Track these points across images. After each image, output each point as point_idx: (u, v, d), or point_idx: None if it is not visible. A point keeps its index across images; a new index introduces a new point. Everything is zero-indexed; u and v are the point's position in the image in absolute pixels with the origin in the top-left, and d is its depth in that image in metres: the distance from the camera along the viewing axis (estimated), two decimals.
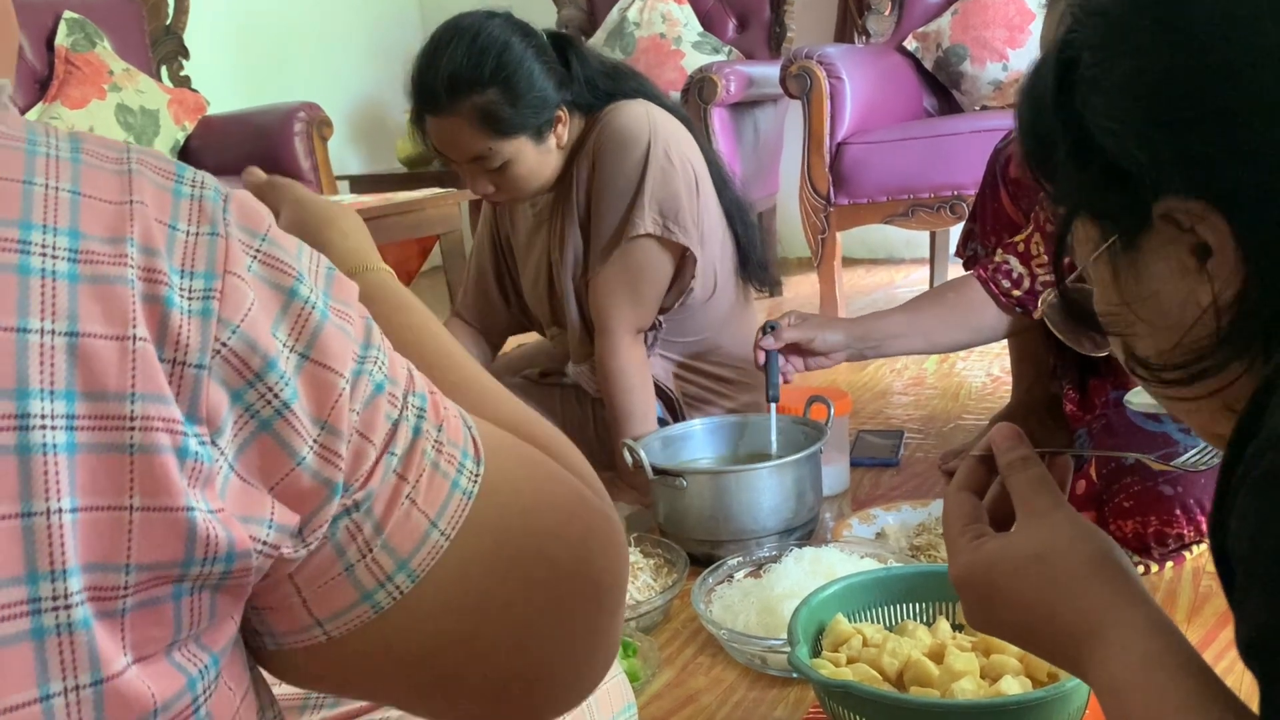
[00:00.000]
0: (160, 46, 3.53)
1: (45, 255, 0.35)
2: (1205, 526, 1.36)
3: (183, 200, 0.40)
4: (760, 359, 1.63)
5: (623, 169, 1.74)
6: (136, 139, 3.20)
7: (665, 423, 1.87)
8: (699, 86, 3.08)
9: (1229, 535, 0.50)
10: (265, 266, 0.41)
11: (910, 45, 3.28)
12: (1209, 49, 0.53)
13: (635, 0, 3.71)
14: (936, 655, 1.08)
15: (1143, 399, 0.94)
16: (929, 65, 3.25)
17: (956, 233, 2.70)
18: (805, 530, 1.62)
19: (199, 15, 3.64)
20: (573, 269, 1.85)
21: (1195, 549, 1.43)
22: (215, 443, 0.38)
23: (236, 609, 0.41)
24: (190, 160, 3.19)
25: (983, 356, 2.59)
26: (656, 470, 1.59)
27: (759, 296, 2.07)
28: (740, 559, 1.46)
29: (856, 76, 2.97)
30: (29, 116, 1.49)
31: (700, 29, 3.68)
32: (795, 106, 3.06)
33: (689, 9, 3.69)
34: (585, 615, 0.52)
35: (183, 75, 3.54)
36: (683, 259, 1.81)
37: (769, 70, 3.20)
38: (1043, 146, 0.61)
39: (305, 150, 3.37)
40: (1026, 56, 3.07)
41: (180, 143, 3.38)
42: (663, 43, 3.64)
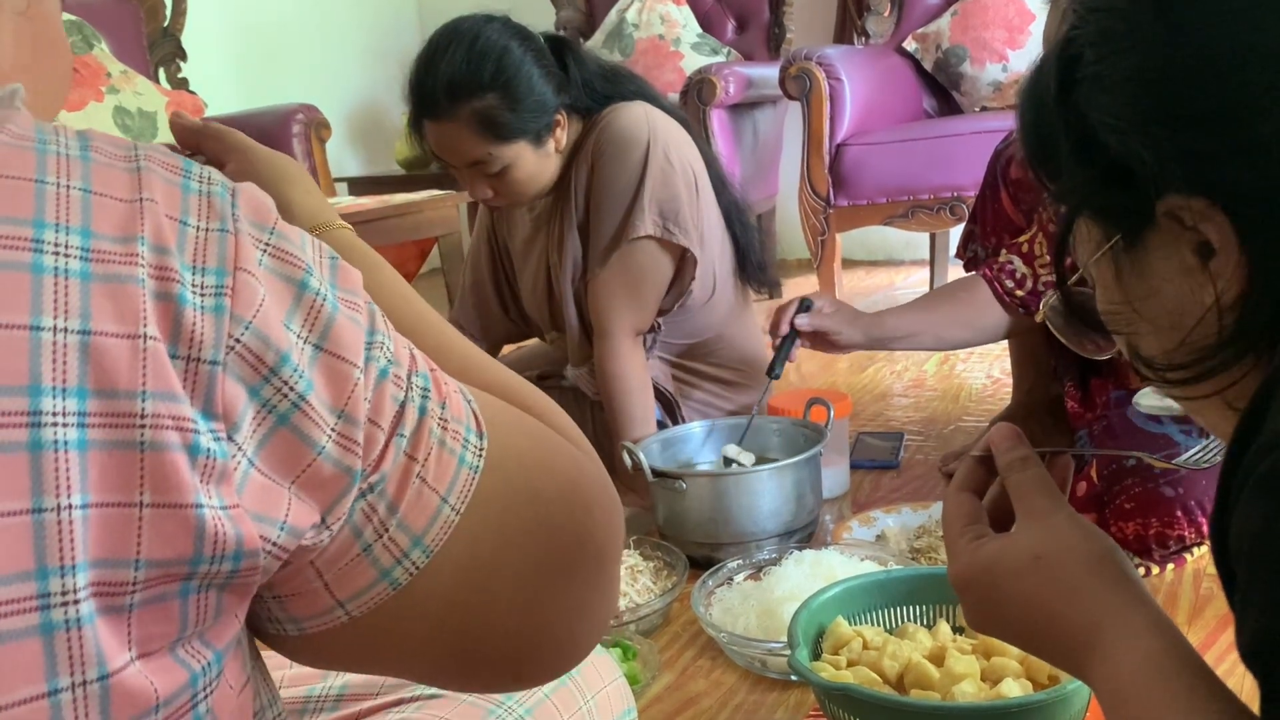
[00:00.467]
0: (158, 49, 3.53)
1: (58, 254, 0.36)
2: (1206, 528, 1.36)
3: (191, 195, 0.40)
4: (784, 330, 1.62)
5: (622, 171, 1.74)
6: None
7: (664, 425, 1.87)
8: (698, 88, 3.07)
9: (1230, 536, 0.49)
10: (275, 260, 0.41)
11: (910, 46, 3.28)
12: (1212, 45, 0.52)
13: (634, 1, 3.71)
14: (937, 658, 1.08)
15: (1151, 401, 0.94)
16: (928, 66, 3.25)
17: (956, 234, 2.70)
18: (805, 533, 1.61)
19: (197, 17, 3.64)
20: (571, 272, 1.85)
21: (1196, 551, 1.43)
22: (232, 438, 0.38)
23: (241, 607, 0.42)
24: None
25: (983, 358, 2.59)
26: (656, 473, 1.58)
27: (758, 298, 2.07)
28: (740, 562, 1.46)
29: (856, 78, 2.97)
30: None
31: (699, 30, 3.67)
32: (794, 108, 3.06)
33: (688, 10, 3.69)
34: (587, 573, 0.53)
35: (180, 77, 3.54)
36: (682, 260, 1.81)
37: (768, 71, 3.20)
38: (1045, 145, 0.61)
39: (303, 152, 3.37)
40: (1026, 57, 3.07)
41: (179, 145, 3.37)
42: (661, 44, 3.64)
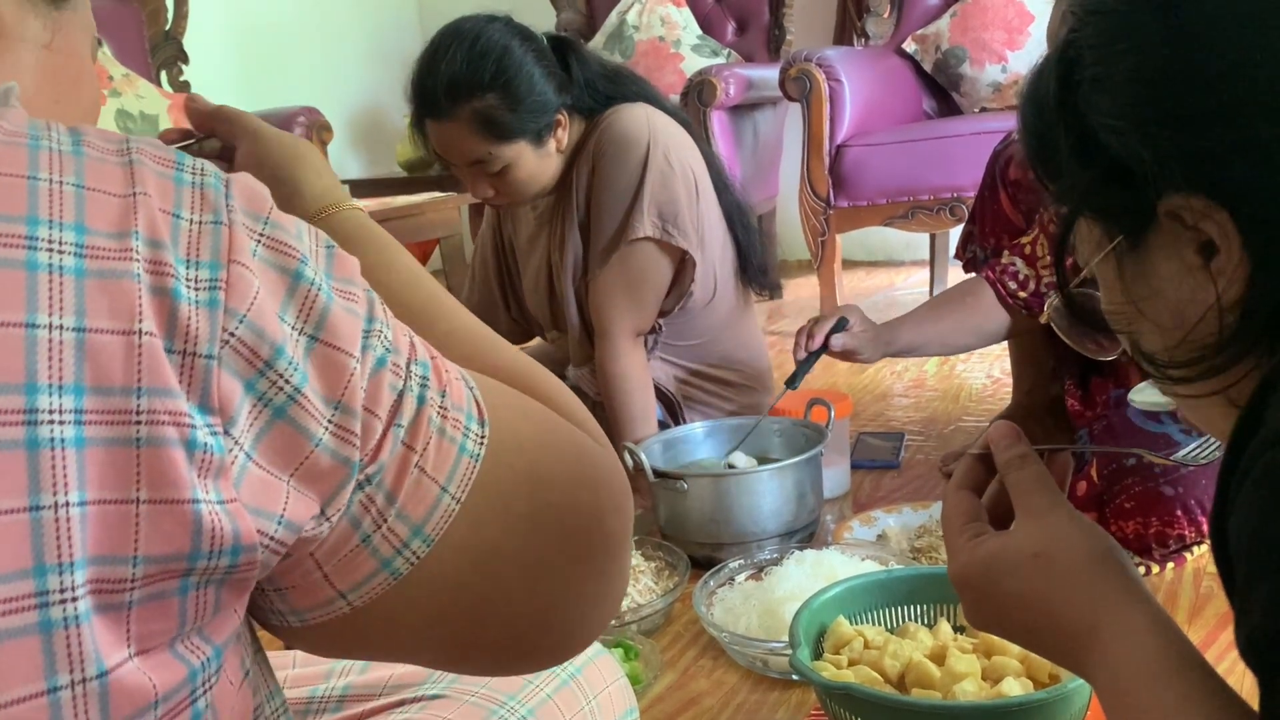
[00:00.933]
0: (160, 52, 3.53)
1: (52, 251, 0.36)
2: (1206, 527, 1.36)
3: (185, 188, 0.40)
4: (816, 345, 1.62)
5: (622, 172, 1.74)
6: None
7: (666, 425, 1.87)
8: (698, 89, 3.08)
9: (1229, 533, 0.50)
10: (270, 250, 0.41)
11: (909, 47, 3.28)
12: (1212, 45, 0.53)
13: (634, 3, 3.71)
14: (938, 657, 1.08)
15: (1146, 396, 0.94)
16: (928, 67, 3.25)
17: (956, 235, 2.70)
18: (806, 533, 1.62)
19: (198, 20, 3.64)
20: (573, 272, 1.86)
21: (1196, 550, 1.43)
22: (229, 432, 0.38)
23: (240, 602, 0.42)
24: None
25: (983, 358, 2.59)
26: (657, 473, 1.59)
27: (759, 299, 2.07)
28: (741, 562, 1.46)
29: (855, 79, 2.97)
30: None
31: (699, 32, 3.68)
32: (795, 109, 3.06)
33: (688, 12, 3.69)
34: (593, 561, 0.53)
35: (182, 80, 3.54)
36: (682, 262, 1.81)
37: (768, 73, 3.20)
38: (1046, 146, 0.61)
39: None
40: (1025, 58, 3.08)
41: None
42: (662, 46, 3.64)
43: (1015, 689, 1.00)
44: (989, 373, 2.50)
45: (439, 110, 1.68)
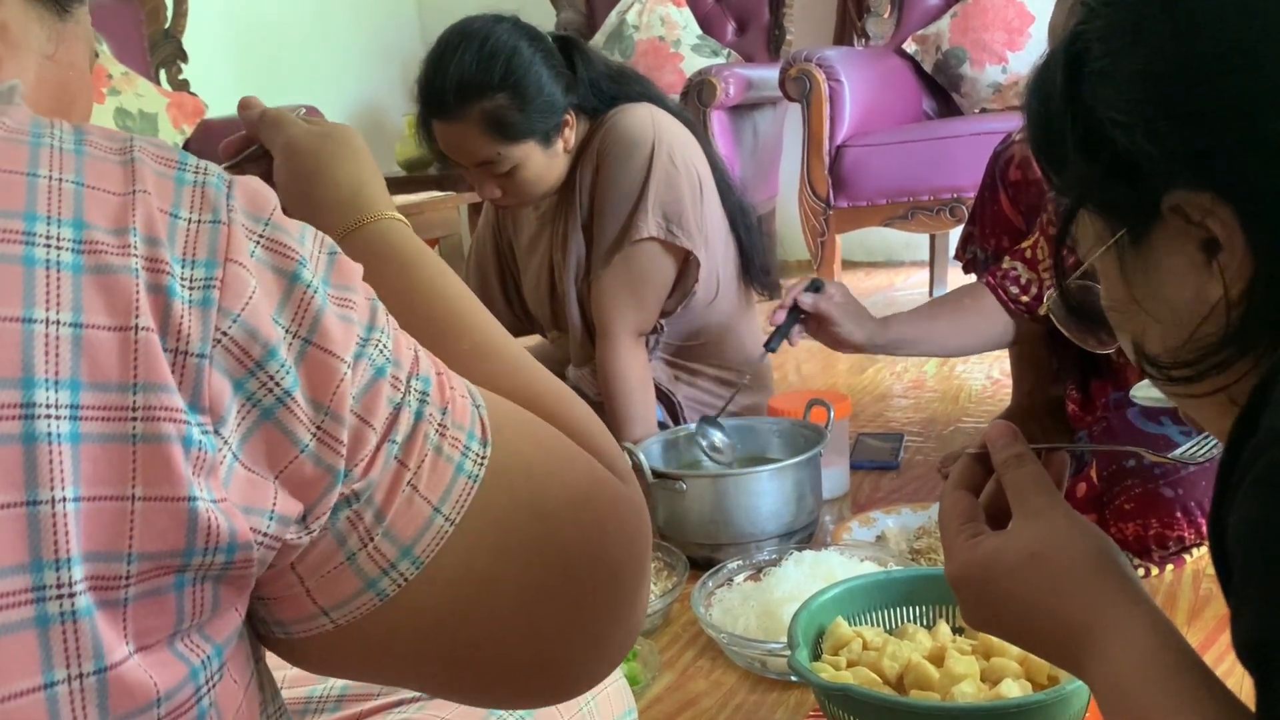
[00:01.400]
0: (159, 50, 3.53)
1: (50, 246, 0.36)
2: (1206, 529, 1.36)
3: (185, 188, 0.40)
4: (788, 304, 1.59)
5: (627, 172, 1.74)
6: None
7: (665, 425, 1.87)
8: (698, 89, 3.08)
9: (1227, 533, 0.49)
10: (268, 252, 0.41)
11: (909, 48, 3.28)
12: (1219, 39, 0.52)
13: (634, 3, 3.71)
14: (937, 658, 1.08)
15: (1147, 393, 0.94)
16: (928, 68, 3.25)
17: (956, 235, 2.70)
18: (805, 533, 1.62)
19: (197, 19, 3.64)
20: (575, 272, 1.85)
21: (1195, 551, 1.43)
22: (219, 432, 0.38)
23: (240, 601, 0.41)
24: None
25: (982, 360, 2.59)
26: (656, 473, 1.58)
27: (760, 300, 2.07)
28: (740, 562, 1.46)
29: (856, 79, 2.97)
30: None
31: (699, 32, 3.68)
32: (794, 109, 3.06)
33: (688, 12, 3.69)
34: (599, 600, 0.51)
35: (181, 79, 3.54)
36: (686, 262, 1.81)
37: (768, 73, 3.20)
38: (1051, 139, 0.60)
39: None
40: (1026, 59, 3.08)
41: (179, 146, 3.37)
42: (661, 45, 3.64)
43: (1014, 690, 1.00)
44: (989, 374, 2.50)
45: (447, 110, 1.67)
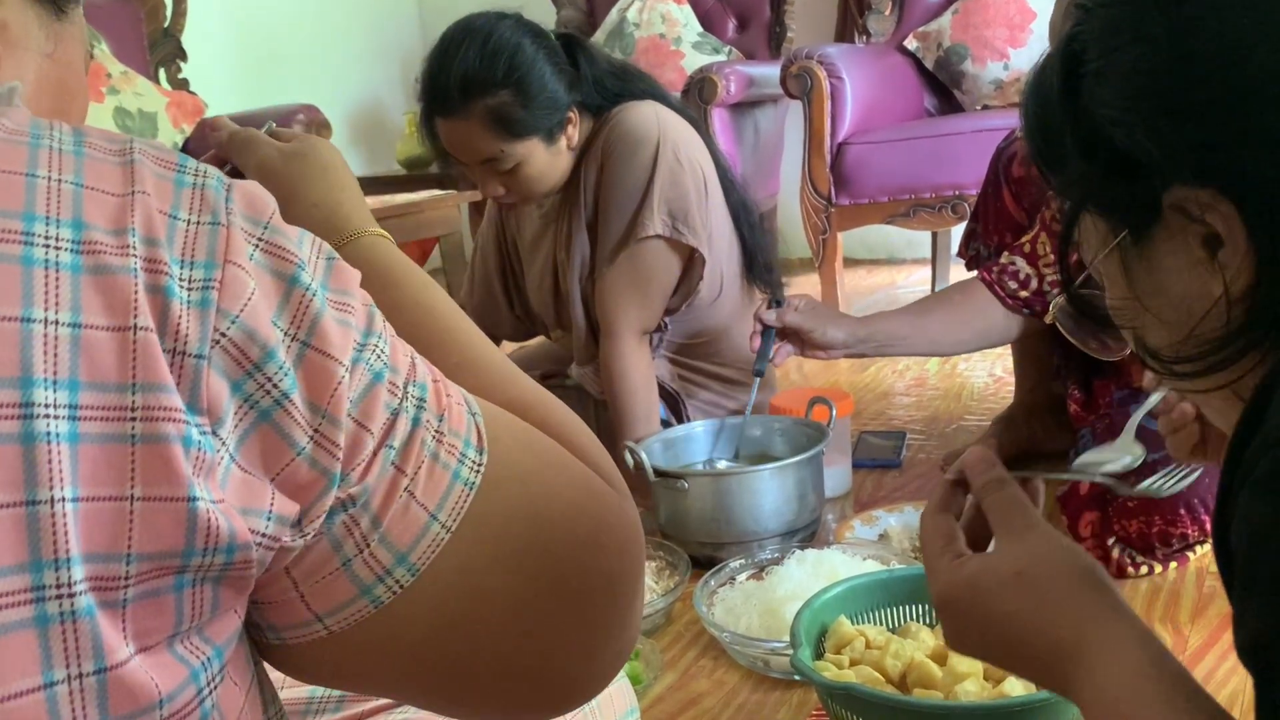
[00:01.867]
0: (158, 49, 3.53)
1: (49, 246, 0.36)
2: (1209, 526, 1.35)
3: (184, 189, 0.40)
4: (757, 328, 1.60)
5: (631, 170, 1.74)
6: None
7: (669, 423, 1.87)
8: (699, 87, 3.07)
9: (1231, 533, 0.49)
10: (267, 255, 0.41)
11: (911, 45, 3.28)
12: (1216, 35, 0.52)
13: (635, 1, 3.71)
14: (939, 657, 1.08)
15: (1096, 456, 0.96)
16: (930, 65, 3.24)
17: (958, 233, 2.70)
18: (807, 532, 1.61)
19: (197, 18, 3.64)
20: (579, 271, 1.85)
21: (1199, 549, 1.43)
22: (217, 433, 0.38)
23: (240, 602, 0.41)
24: None
25: (985, 357, 2.59)
26: (658, 472, 1.58)
27: (763, 298, 2.07)
28: (742, 561, 1.46)
29: (857, 76, 2.96)
30: None
31: (700, 29, 3.67)
32: (796, 107, 3.06)
33: (689, 9, 3.68)
34: (594, 609, 0.51)
35: (181, 78, 3.54)
36: (690, 260, 1.81)
37: (769, 70, 3.19)
38: (1050, 141, 0.60)
39: None
40: (1027, 56, 3.07)
41: (179, 145, 3.37)
42: (662, 43, 3.64)
43: (1017, 689, 1.00)
44: (991, 371, 2.50)
45: (451, 108, 1.67)
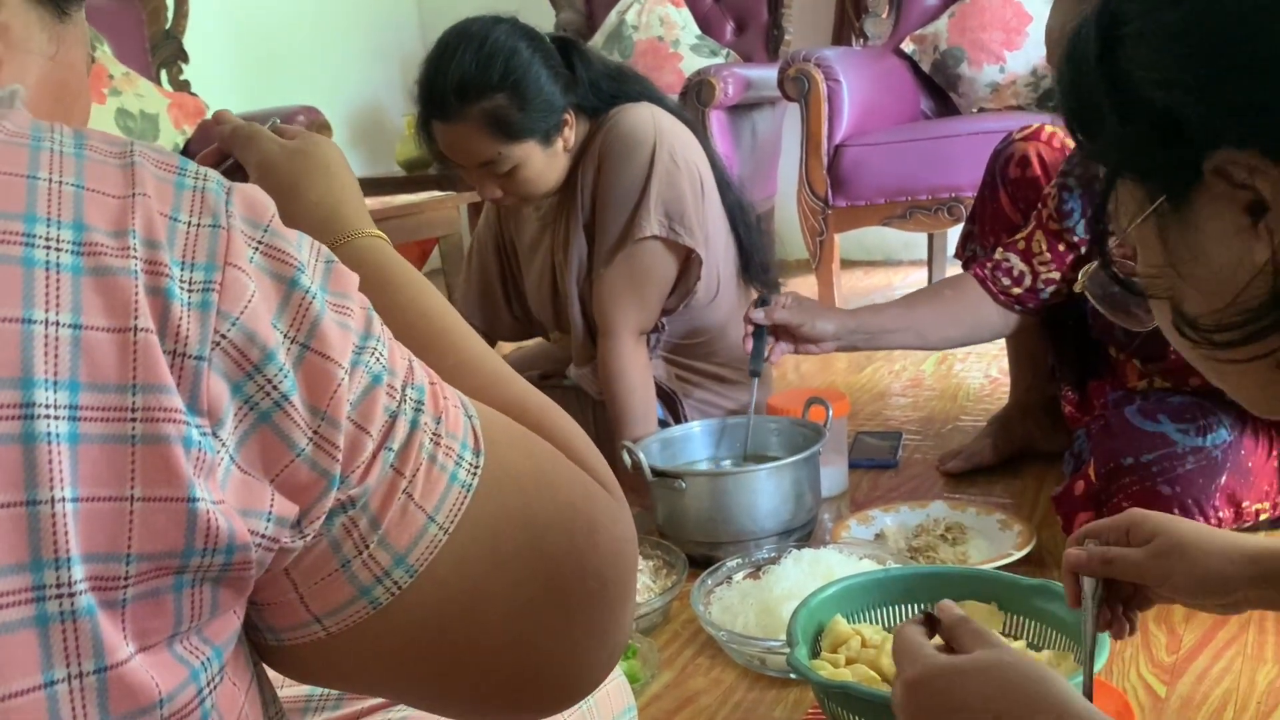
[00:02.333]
0: (160, 50, 3.53)
1: (49, 248, 0.36)
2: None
3: (185, 192, 0.40)
4: (749, 329, 1.61)
5: (628, 171, 1.75)
6: None
7: (666, 423, 1.87)
8: (697, 89, 3.08)
9: None
10: (267, 258, 0.41)
11: (907, 48, 3.28)
12: None
13: (633, 3, 3.71)
14: None
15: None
16: (926, 68, 3.25)
17: (954, 235, 2.71)
18: (804, 532, 1.62)
19: (198, 19, 3.64)
20: (576, 272, 1.86)
21: None
22: (217, 434, 0.38)
23: (239, 603, 0.42)
24: None
25: (980, 358, 2.59)
26: (655, 472, 1.59)
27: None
28: (739, 560, 1.46)
29: (854, 79, 2.97)
30: None
31: (698, 32, 3.68)
32: (793, 109, 3.06)
33: (687, 12, 3.69)
34: (588, 610, 0.51)
35: (182, 79, 3.54)
36: (687, 261, 1.81)
37: (767, 73, 3.20)
38: (1085, 105, 0.59)
39: None
40: (1023, 59, 3.08)
41: (180, 147, 3.38)
42: (660, 45, 3.64)
43: None
44: (986, 372, 2.51)
45: (448, 111, 1.68)
